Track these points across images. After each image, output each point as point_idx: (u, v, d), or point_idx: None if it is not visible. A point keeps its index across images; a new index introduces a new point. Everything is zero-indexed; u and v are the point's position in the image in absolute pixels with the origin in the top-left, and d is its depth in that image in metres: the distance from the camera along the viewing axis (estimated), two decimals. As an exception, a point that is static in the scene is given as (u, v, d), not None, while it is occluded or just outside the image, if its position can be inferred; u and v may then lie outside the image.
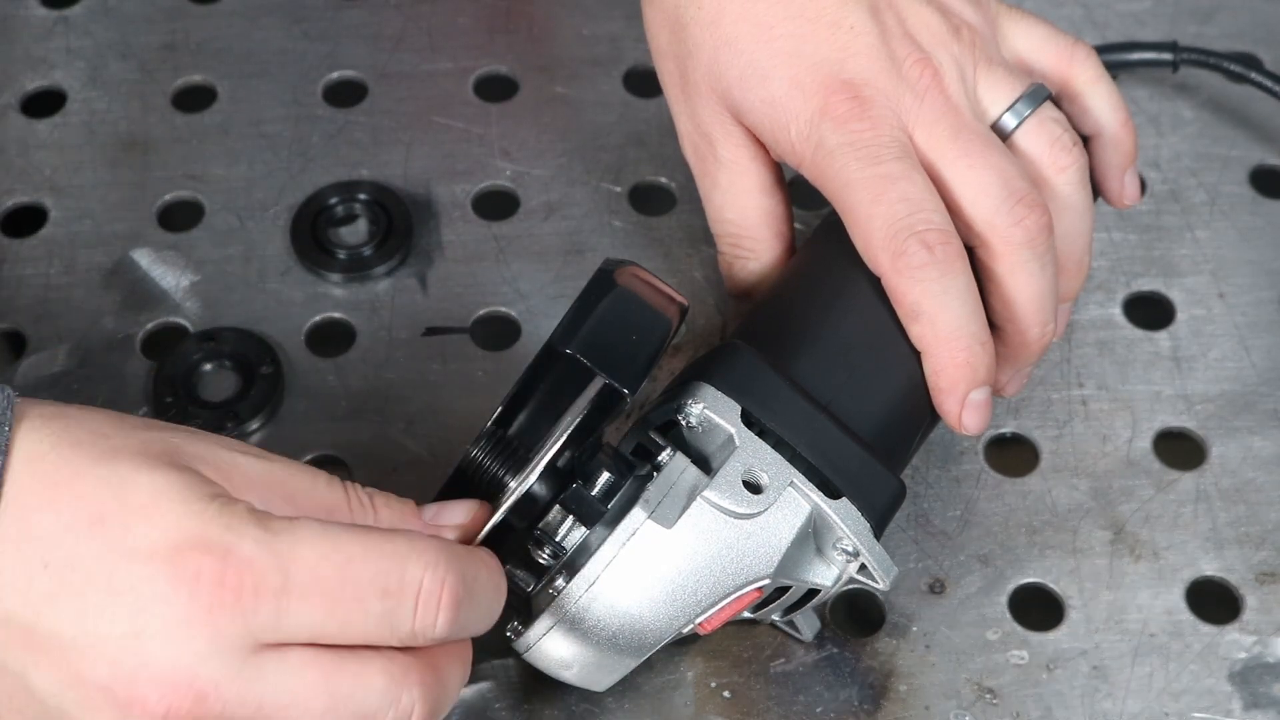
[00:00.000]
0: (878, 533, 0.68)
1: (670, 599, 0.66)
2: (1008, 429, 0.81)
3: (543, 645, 0.67)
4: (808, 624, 0.73)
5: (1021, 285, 0.72)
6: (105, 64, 0.94)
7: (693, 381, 0.69)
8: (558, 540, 0.66)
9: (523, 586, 0.68)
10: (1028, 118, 0.74)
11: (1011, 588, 0.76)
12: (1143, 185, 0.88)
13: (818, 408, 0.68)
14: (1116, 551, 0.77)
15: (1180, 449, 0.80)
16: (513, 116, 0.92)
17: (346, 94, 0.93)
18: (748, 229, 0.78)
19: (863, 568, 0.68)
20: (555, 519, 0.66)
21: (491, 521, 0.65)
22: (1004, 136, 0.74)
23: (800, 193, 0.80)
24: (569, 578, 0.66)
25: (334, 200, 0.88)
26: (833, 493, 0.67)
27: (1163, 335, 0.84)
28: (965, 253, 0.71)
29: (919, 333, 0.70)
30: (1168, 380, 0.82)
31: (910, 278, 0.70)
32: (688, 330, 0.83)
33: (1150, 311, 0.85)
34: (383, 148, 0.90)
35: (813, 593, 0.70)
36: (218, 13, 0.96)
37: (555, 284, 0.85)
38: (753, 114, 0.74)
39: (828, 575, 0.69)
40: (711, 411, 0.68)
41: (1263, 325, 0.84)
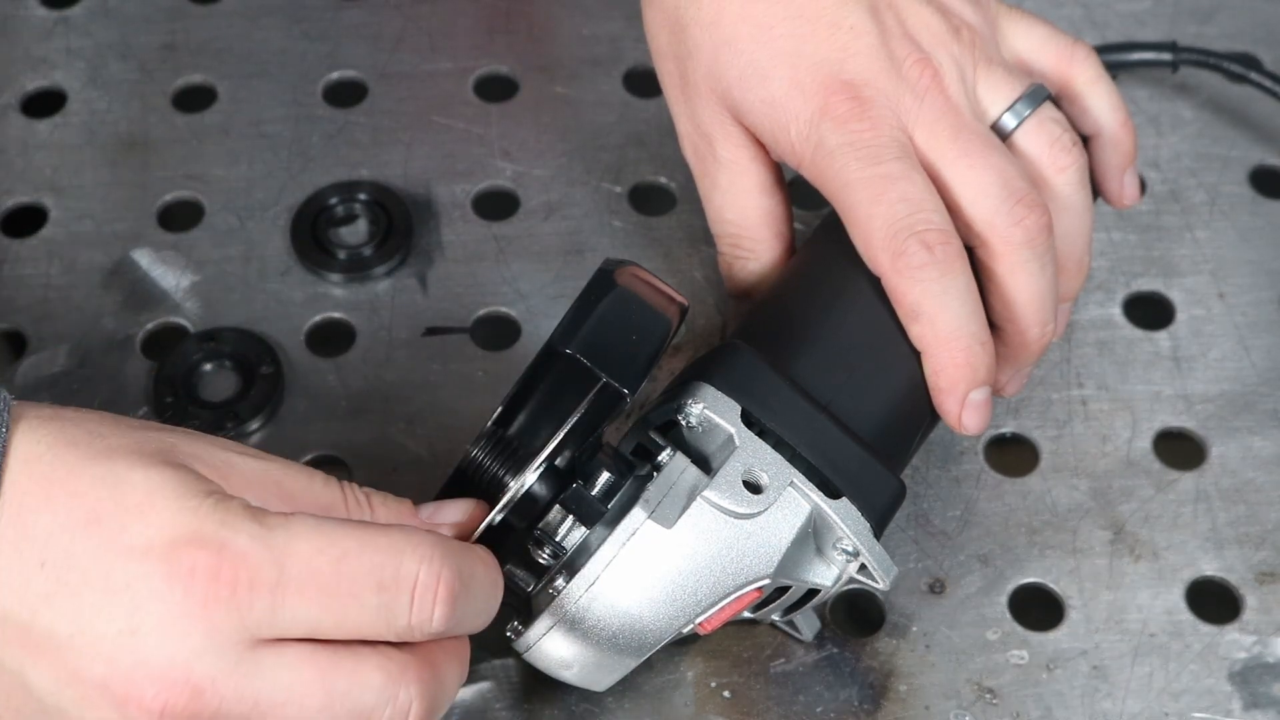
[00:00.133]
0: (878, 533, 0.68)
1: (670, 599, 0.66)
2: (1008, 429, 0.81)
3: (543, 645, 0.67)
4: (808, 624, 0.73)
5: (1021, 285, 0.72)
6: (105, 64, 0.94)
7: (693, 381, 0.69)
8: (558, 540, 0.66)
9: (523, 586, 0.67)
10: (1027, 118, 0.74)
11: (1011, 588, 0.76)
12: (1142, 185, 0.88)
13: (818, 408, 0.68)
14: (1116, 551, 0.77)
15: (1180, 449, 0.80)
16: (513, 116, 0.92)
17: (346, 94, 0.93)
18: (748, 229, 0.78)
19: (863, 568, 0.68)
20: (555, 519, 0.66)
21: (488, 519, 0.65)
22: (1004, 136, 0.74)
23: (800, 193, 0.80)
24: (569, 578, 0.66)
25: (334, 200, 0.87)
26: (833, 493, 0.67)
27: (1163, 335, 0.84)
28: (965, 253, 0.71)
29: (919, 333, 0.70)
30: (1168, 380, 0.82)
31: (910, 278, 0.70)
32: (688, 330, 0.83)
33: (1150, 311, 0.85)
34: (383, 148, 0.90)
35: (813, 593, 0.69)
36: (218, 13, 0.96)
37: (555, 284, 0.85)
38: (752, 114, 0.74)
39: (828, 575, 0.69)
40: (711, 411, 0.68)
41: (1263, 325, 0.84)
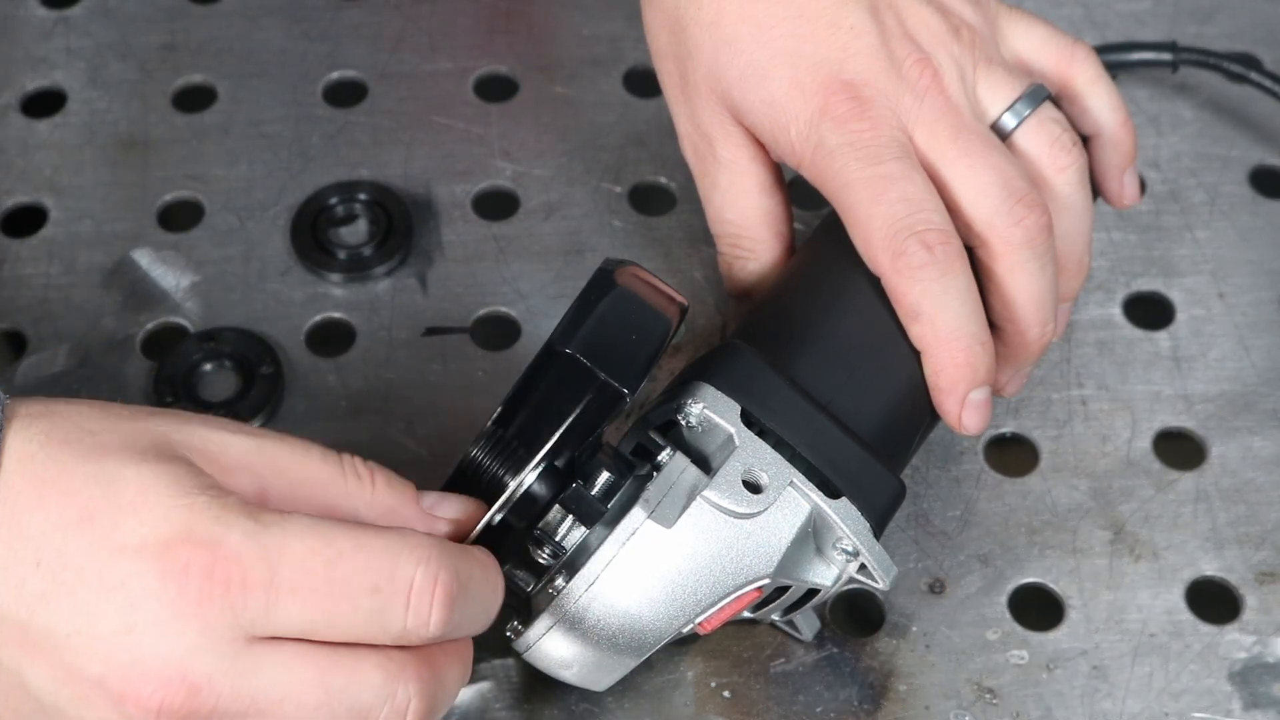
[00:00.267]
0: (878, 533, 0.68)
1: (670, 599, 0.66)
2: (1008, 429, 0.81)
3: (542, 645, 0.67)
4: (808, 624, 0.73)
5: (1021, 285, 0.72)
6: (105, 64, 0.94)
7: (693, 381, 0.69)
8: (557, 540, 0.66)
9: (522, 586, 0.67)
10: (1027, 118, 0.74)
11: (1011, 588, 0.76)
12: (1142, 185, 0.88)
13: (817, 408, 0.68)
14: (1116, 551, 0.77)
15: (1180, 449, 0.80)
16: (513, 116, 0.92)
17: (346, 94, 0.93)
18: (747, 229, 0.78)
19: (862, 567, 0.68)
20: (555, 519, 0.66)
21: (486, 518, 0.65)
22: (1004, 136, 0.74)
23: (800, 193, 0.80)
24: (569, 577, 0.66)
25: (334, 200, 0.87)
26: (832, 492, 0.67)
27: (1163, 335, 0.84)
28: (965, 253, 0.71)
29: (919, 333, 0.70)
30: (1168, 380, 0.82)
31: (910, 278, 0.70)
32: (688, 330, 0.83)
33: (1150, 311, 0.85)
34: (383, 148, 0.90)
35: (812, 592, 0.69)
36: (218, 13, 0.96)
37: (555, 284, 0.85)
38: (752, 114, 0.74)
39: (827, 575, 0.69)
40: (711, 411, 0.68)
41: (1263, 325, 0.84)
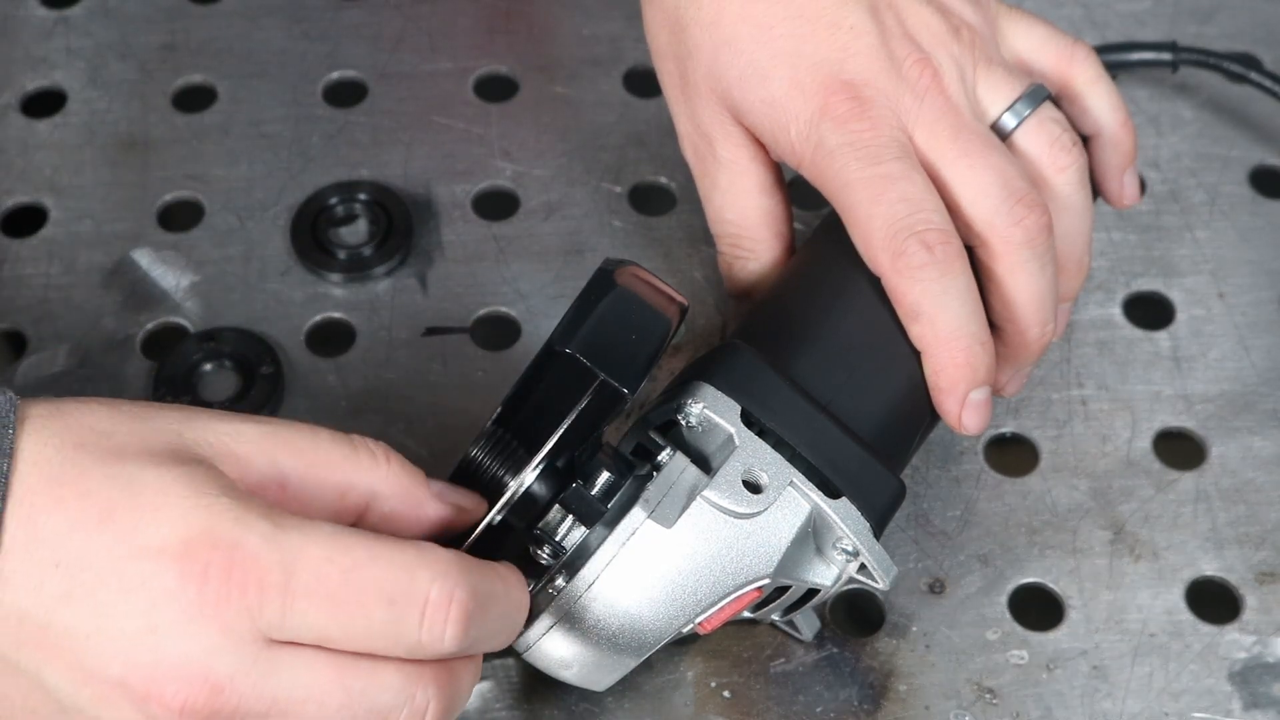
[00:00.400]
0: (878, 532, 0.68)
1: (670, 599, 0.66)
2: (1008, 429, 0.81)
3: (542, 645, 0.67)
4: (808, 624, 0.73)
5: (1021, 285, 0.72)
6: (105, 64, 0.94)
7: (693, 381, 0.69)
8: (557, 540, 0.66)
9: (522, 586, 0.68)
10: (1027, 118, 0.74)
11: (1011, 588, 0.76)
12: (1142, 185, 0.88)
13: (817, 408, 0.68)
14: (1116, 551, 0.77)
15: (1180, 449, 0.80)
16: (513, 116, 0.92)
17: (346, 94, 0.93)
18: (747, 229, 0.78)
19: (862, 567, 0.68)
20: (555, 518, 0.66)
21: (487, 519, 0.65)
22: (1004, 136, 0.74)
23: (800, 193, 0.80)
24: (569, 577, 0.66)
25: (334, 200, 0.87)
26: (833, 492, 0.67)
27: (1162, 335, 0.84)
28: (965, 253, 0.71)
29: (919, 333, 0.70)
30: (1167, 380, 0.82)
31: (910, 278, 0.70)
32: (688, 330, 0.83)
33: (1150, 311, 0.85)
34: (383, 148, 0.90)
35: (812, 592, 0.69)
36: (218, 13, 0.96)
37: (555, 284, 0.85)
38: (752, 114, 0.74)
39: (827, 575, 0.69)
40: (711, 411, 0.68)
41: (1263, 325, 0.84)
